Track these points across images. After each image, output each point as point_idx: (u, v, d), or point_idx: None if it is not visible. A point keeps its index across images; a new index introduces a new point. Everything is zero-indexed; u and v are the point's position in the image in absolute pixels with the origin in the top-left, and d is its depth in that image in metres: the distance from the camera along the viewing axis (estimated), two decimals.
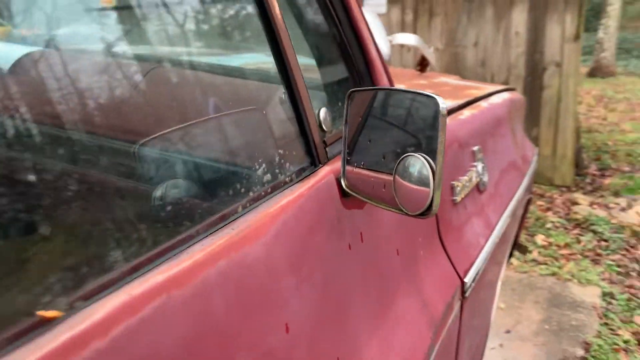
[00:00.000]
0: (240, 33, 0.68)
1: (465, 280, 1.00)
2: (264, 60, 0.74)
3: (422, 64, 2.04)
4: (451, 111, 1.30)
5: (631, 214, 4.44)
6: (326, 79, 0.80)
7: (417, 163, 0.57)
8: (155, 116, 0.55)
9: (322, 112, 0.69)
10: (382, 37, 1.77)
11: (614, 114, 8.78)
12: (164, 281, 0.39)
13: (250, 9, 0.60)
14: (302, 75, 0.63)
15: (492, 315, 1.36)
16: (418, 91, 0.61)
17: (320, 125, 0.68)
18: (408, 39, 2.06)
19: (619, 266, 3.63)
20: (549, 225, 4.27)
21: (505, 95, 1.89)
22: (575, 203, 4.73)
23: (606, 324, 2.94)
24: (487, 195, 1.29)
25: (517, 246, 2.24)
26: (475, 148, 1.26)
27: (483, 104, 1.55)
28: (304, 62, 0.87)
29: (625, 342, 2.77)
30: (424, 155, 0.57)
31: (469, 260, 1.06)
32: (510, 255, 2.20)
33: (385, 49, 1.75)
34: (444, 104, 0.57)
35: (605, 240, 4.02)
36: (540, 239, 4.00)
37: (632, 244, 3.97)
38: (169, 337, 0.37)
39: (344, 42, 0.79)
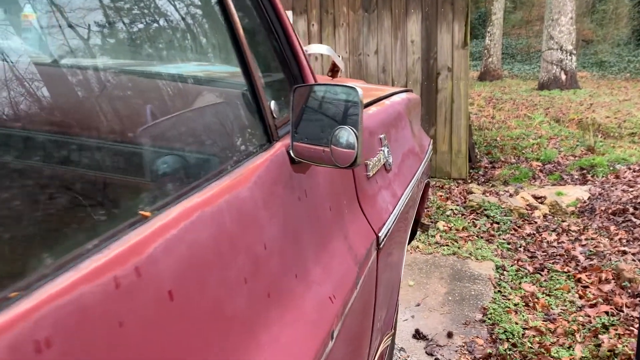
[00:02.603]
0: (213, 47, 0.92)
1: (379, 234, 1.30)
2: (224, 69, 0.99)
3: (333, 70, 2.34)
4: None
5: (518, 199, 5.03)
6: (271, 80, 1.06)
7: (346, 133, 0.85)
8: (150, 111, 0.78)
9: (273, 104, 0.94)
10: None
11: (501, 113, 9.68)
12: (195, 204, 0.63)
13: (221, 29, 0.84)
14: (261, 78, 0.89)
15: (402, 269, 1.67)
16: (344, 84, 0.89)
17: (272, 114, 0.94)
18: (321, 48, 2.35)
19: (509, 243, 4.16)
20: (448, 212, 4.76)
21: (403, 95, 2.24)
22: (471, 192, 5.27)
23: (500, 291, 3.40)
24: (392, 174, 1.60)
25: (420, 224, 2.59)
26: (382, 136, 1.56)
27: (386, 102, 1.87)
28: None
29: (515, 304, 3.23)
30: (351, 127, 0.85)
31: (382, 221, 1.35)
32: (415, 232, 2.55)
33: None
34: (361, 91, 0.86)
35: (497, 223, 4.56)
36: (441, 224, 4.45)
37: (519, 224, 4.53)
38: (206, 232, 0.62)
39: (283, 52, 1.06)
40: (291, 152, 0.91)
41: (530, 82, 14.41)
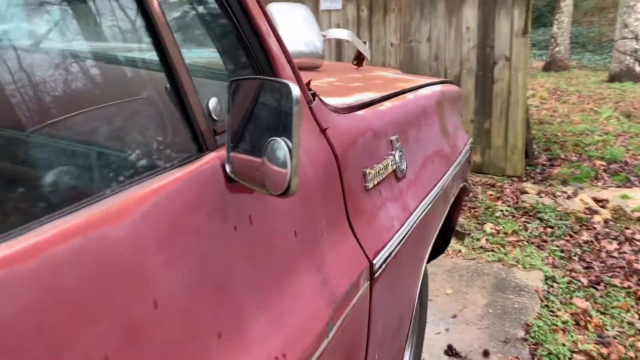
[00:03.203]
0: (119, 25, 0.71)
1: (374, 261, 1.06)
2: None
3: (359, 59, 2.10)
4: (371, 103, 1.36)
5: (576, 201, 4.61)
6: (218, 71, 0.84)
7: (280, 147, 0.62)
8: (39, 105, 0.58)
9: (212, 102, 0.73)
10: (315, 32, 1.82)
11: (565, 106, 9.06)
12: (5, 256, 0.42)
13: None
14: (186, 66, 0.67)
15: (417, 293, 1.43)
16: (277, 79, 0.66)
17: (209, 114, 0.72)
18: (341, 33, 2.12)
19: (562, 251, 3.78)
20: (498, 213, 4.41)
21: (437, 87, 1.96)
22: (524, 192, 4.89)
23: (547, 306, 3.07)
24: (405, 182, 1.35)
25: (455, 232, 2.32)
26: (393, 137, 1.32)
27: (409, 95, 1.62)
28: (204, 54, 0.91)
29: (564, 322, 2.90)
30: (284, 138, 0.62)
31: (381, 243, 1.12)
32: (448, 241, 2.28)
33: (318, 44, 1.80)
34: (297, 90, 0.63)
35: (551, 227, 4.17)
36: (489, 227, 4.12)
37: (576, 230, 4.14)
38: (10, 307, 0.41)
39: (242, 36, 0.84)
40: (227, 166, 0.69)
41: (600, 73, 13.49)
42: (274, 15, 1.77)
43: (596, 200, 4.66)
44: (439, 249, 2.25)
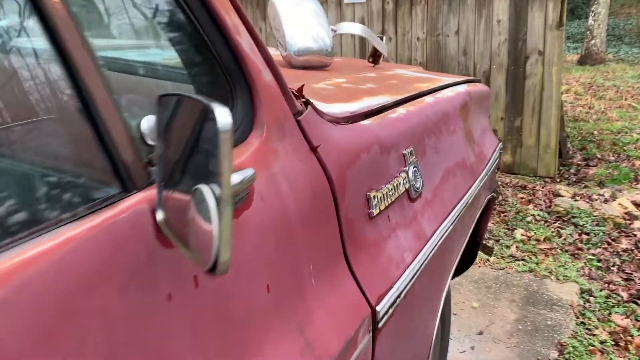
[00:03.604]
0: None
1: (378, 308, 0.87)
2: None
3: (375, 56, 1.89)
4: (381, 110, 1.16)
5: (614, 205, 4.32)
6: (180, 79, 0.66)
7: (207, 198, 0.43)
8: None
9: (147, 121, 0.54)
10: (324, 27, 1.63)
11: (602, 102, 8.65)
12: None
13: None
14: (101, 72, 0.49)
15: (434, 334, 1.23)
16: (198, 98, 0.47)
17: (142, 139, 0.54)
18: (353, 28, 1.92)
19: (599, 261, 3.51)
20: (529, 218, 4.15)
21: (462, 88, 1.75)
22: (558, 195, 4.60)
23: (583, 323, 2.83)
24: (421, 202, 1.15)
25: (482, 247, 2.10)
26: (407, 150, 1.12)
27: (428, 99, 1.41)
28: (158, 56, 0.73)
29: (602, 342, 2.66)
30: (212, 185, 0.43)
31: (387, 283, 0.92)
32: (474, 257, 2.07)
33: (327, 40, 1.61)
34: (226, 116, 0.43)
35: (587, 234, 3.90)
36: (519, 233, 3.87)
37: (614, 237, 3.85)
38: None
39: (200, 34, 0.65)
40: (158, 213, 0.50)
41: (639, 67, 12.92)
42: (278, 9, 1.59)
43: (636, 205, 4.36)
44: (463, 265, 2.04)
